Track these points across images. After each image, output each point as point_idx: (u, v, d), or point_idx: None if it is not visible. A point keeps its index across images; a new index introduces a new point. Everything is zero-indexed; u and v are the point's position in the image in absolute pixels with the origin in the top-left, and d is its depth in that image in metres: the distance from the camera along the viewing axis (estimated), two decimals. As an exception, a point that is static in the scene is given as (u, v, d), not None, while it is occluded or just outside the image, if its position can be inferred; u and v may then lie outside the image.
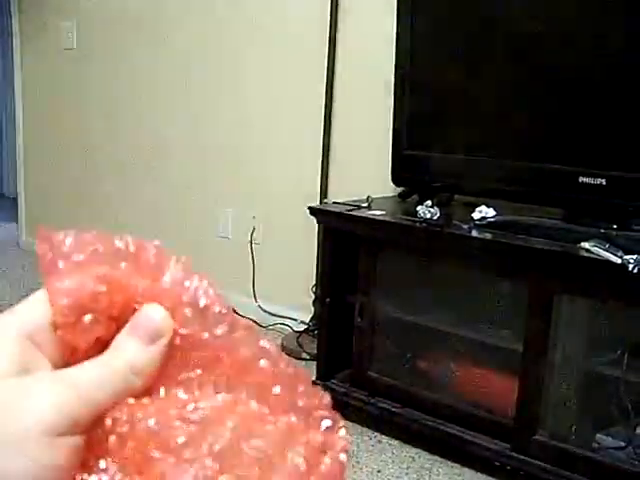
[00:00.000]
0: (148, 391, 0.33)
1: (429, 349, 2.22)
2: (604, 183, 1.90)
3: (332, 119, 2.84)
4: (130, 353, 0.33)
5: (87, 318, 0.33)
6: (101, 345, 0.34)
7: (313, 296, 2.85)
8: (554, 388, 1.91)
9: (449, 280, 2.14)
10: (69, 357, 0.34)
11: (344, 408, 2.32)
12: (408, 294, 2.22)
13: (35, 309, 0.34)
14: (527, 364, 1.89)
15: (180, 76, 3.38)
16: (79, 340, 0.34)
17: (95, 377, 0.32)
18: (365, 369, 2.24)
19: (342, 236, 2.23)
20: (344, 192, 2.60)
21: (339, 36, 2.79)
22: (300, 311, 2.97)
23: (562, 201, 2.04)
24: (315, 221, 2.28)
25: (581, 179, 1.94)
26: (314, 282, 2.85)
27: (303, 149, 2.94)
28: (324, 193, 2.85)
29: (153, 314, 0.34)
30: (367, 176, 2.70)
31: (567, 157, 2.00)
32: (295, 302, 3.00)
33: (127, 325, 0.34)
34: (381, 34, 2.54)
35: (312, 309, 2.88)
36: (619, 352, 1.81)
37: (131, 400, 0.32)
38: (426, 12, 2.23)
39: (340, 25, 2.78)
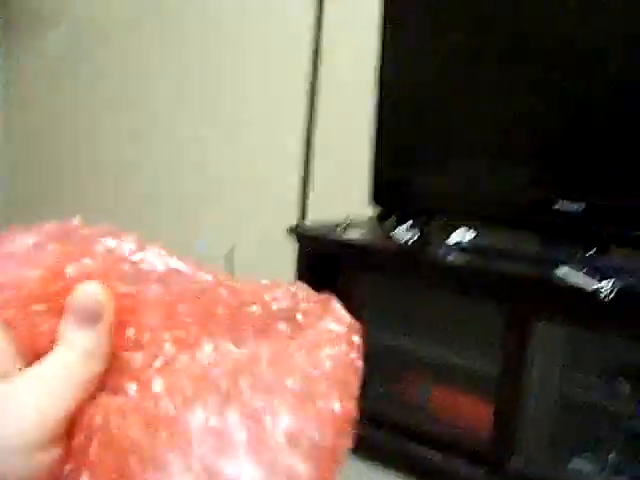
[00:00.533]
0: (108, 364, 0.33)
1: (406, 372, 2.22)
2: (580, 209, 1.91)
3: (313, 138, 2.84)
4: (80, 340, 0.32)
5: (34, 307, 0.33)
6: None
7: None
8: (530, 413, 1.90)
9: (426, 303, 2.13)
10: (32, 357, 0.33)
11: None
12: (385, 317, 2.21)
13: None
14: (503, 389, 1.89)
15: (165, 98, 3.37)
16: (35, 336, 0.33)
17: (61, 373, 0.31)
18: (341, 391, 2.22)
19: (320, 258, 2.23)
20: (324, 212, 2.59)
21: (322, 56, 2.79)
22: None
23: (539, 226, 2.05)
24: (293, 242, 2.27)
25: (558, 204, 1.94)
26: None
27: (283, 169, 2.93)
28: (303, 215, 2.84)
29: (88, 293, 0.33)
30: (347, 196, 2.68)
31: (544, 182, 2.01)
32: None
33: (66, 311, 0.33)
34: (365, 54, 2.53)
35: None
36: (594, 377, 1.82)
37: (103, 398, 0.31)
38: (407, 39, 2.24)
39: (324, 45, 2.78)
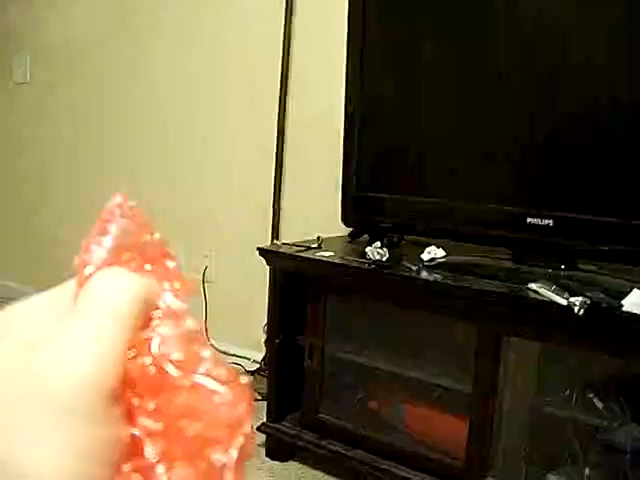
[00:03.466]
0: None
1: (379, 390, 2.21)
2: (551, 224, 1.92)
3: (284, 157, 2.84)
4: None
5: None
6: None
7: (265, 335, 2.82)
8: (504, 429, 1.90)
9: (398, 321, 2.13)
10: None
11: (295, 450, 2.29)
12: (357, 335, 2.20)
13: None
14: (476, 405, 1.89)
15: (137, 116, 3.36)
16: None
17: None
18: (315, 411, 2.21)
19: (292, 277, 2.22)
20: (296, 232, 2.59)
21: (291, 68, 2.79)
22: (253, 350, 2.94)
23: (510, 242, 2.05)
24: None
25: (529, 220, 1.95)
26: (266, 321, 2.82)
27: (255, 187, 2.93)
28: (276, 233, 2.83)
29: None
30: (319, 215, 2.68)
31: (515, 198, 2.02)
32: (248, 341, 2.97)
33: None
34: (334, 66, 2.53)
35: (265, 348, 2.85)
36: (567, 392, 1.82)
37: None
38: (375, 55, 2.24)
39: (292, 56, 2.79)
